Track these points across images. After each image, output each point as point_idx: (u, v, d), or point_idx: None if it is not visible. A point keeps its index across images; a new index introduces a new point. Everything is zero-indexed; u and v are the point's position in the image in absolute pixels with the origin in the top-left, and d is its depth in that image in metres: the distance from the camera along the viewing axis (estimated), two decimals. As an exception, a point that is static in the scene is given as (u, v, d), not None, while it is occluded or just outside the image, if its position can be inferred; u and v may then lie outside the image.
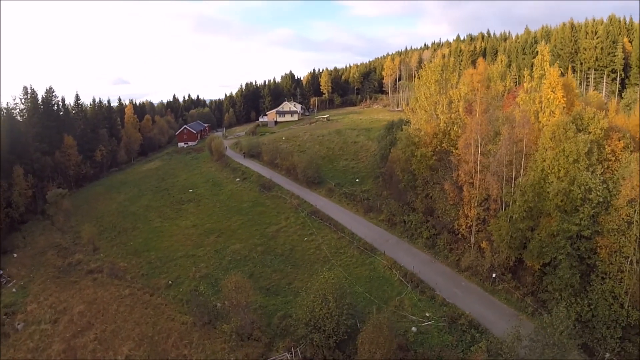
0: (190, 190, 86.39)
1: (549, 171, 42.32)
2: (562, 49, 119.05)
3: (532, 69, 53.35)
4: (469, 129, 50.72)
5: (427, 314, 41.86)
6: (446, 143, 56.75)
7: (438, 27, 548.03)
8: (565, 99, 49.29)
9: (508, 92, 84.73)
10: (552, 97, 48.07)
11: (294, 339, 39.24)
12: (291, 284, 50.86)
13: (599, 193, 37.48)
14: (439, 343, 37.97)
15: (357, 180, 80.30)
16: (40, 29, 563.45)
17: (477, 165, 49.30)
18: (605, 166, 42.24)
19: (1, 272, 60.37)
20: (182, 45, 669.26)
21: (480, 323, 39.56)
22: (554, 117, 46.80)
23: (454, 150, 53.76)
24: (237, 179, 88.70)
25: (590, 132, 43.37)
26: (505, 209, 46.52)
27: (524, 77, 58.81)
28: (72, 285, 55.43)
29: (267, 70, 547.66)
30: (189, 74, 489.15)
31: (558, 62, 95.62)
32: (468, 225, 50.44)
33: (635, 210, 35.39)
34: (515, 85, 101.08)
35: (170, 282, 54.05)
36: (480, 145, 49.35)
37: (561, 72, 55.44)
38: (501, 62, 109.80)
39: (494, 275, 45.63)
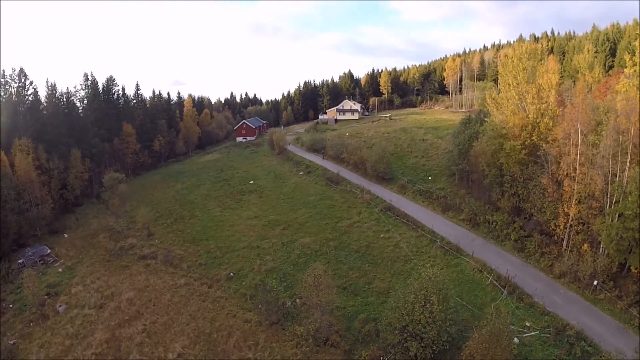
0: (251, 182, 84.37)
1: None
2: None
3: (632, 54, 47.83)
4: (568, 117, 45.49)
5: (528, 324, 36.66)
6: (536, 136, 51.41)
7: (492, 30, 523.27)
8: (679, 81, 43.53)
9: (597, 82, 77.14)
10: (662, 80, 42.21)
11: (381, 347, 34.26)
12: (371, 283, 45.98)
13: None
14: (545, 357, 32.82)
15: (430, 177, 75.50)
16: (96, 27, 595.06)
17: (578, 157, 43.67)
18: None
19: (49, 250, 58.28)
20: (237, 48, 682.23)
21: (587, 335, 34.13)
22: (666, 102, 40.79)
23: (543, 144, 48.43)
24: (301, 173, 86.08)
25: None
26: (611, 207, 40.55)
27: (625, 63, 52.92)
28: (122, 269, 52.05)
29: (322, 70, 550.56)
30: (245, 75, 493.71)
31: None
32: (566, 225, 44.77)
33: None
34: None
35: (231, 274, 50.11)
36: (582, 135, 43.88)
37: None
38: (588, 51, 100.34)
39: (595, 283, 40.06)
